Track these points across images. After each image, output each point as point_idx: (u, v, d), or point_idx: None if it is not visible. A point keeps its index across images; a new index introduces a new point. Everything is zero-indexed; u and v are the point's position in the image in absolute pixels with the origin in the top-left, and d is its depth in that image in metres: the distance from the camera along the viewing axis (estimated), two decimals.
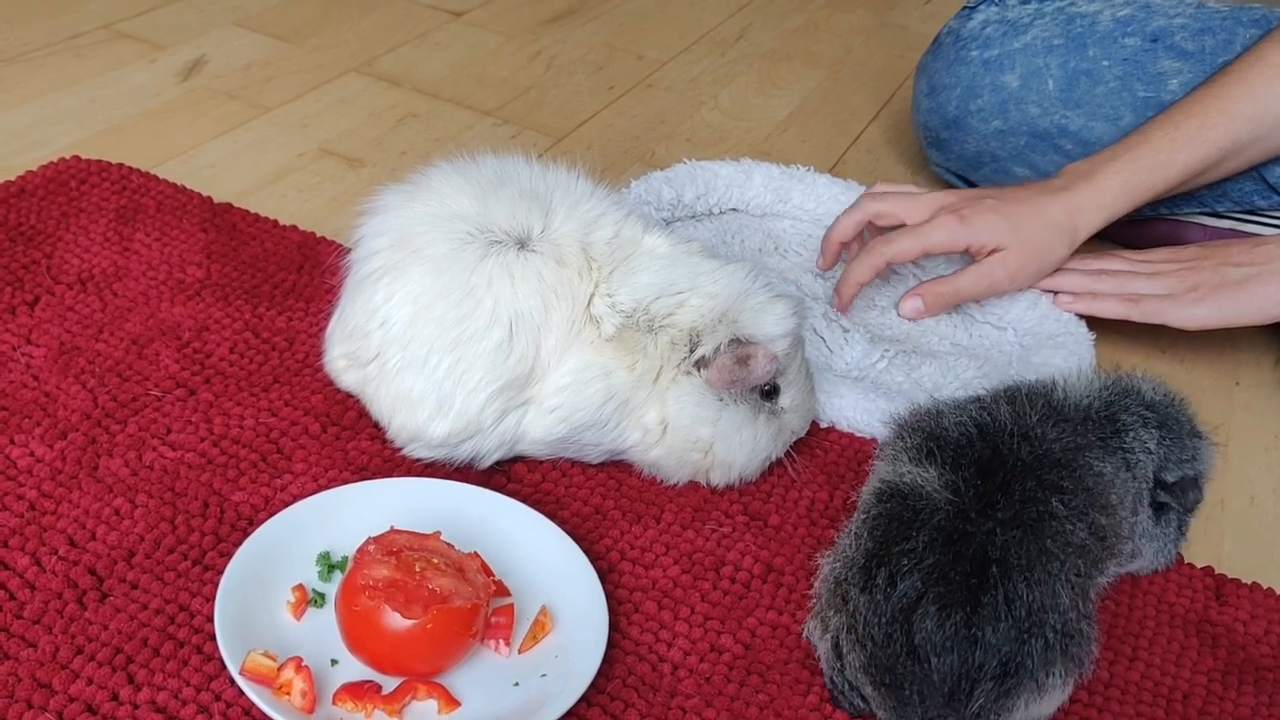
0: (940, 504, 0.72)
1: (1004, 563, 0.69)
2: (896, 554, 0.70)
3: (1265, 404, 1.13)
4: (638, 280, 0.87)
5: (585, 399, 0.86)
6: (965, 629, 0.68)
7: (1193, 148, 1.10)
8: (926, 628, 0.68)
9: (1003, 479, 0.72)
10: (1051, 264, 1.12)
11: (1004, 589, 0.68)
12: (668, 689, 0.77)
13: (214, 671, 0.73)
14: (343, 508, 0.82)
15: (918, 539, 0.70)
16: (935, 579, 0.69)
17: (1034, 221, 1.09)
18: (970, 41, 1.32)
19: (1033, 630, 0.68)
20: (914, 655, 0.68)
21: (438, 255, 0.85)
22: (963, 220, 1.08)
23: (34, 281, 1.02)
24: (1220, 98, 1.10)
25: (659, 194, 1.21)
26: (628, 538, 0.87)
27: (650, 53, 1.68)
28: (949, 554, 0.69)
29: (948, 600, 0.68)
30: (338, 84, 1.47)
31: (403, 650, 0.72)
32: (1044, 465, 0.74)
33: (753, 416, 0.89)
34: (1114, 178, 1.11)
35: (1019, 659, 0.68)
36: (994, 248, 1.09)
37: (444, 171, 0.91)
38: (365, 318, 0.87)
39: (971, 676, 0.68)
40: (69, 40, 1.46)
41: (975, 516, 0.71)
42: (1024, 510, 0.71)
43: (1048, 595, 0.69)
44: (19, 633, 0.73)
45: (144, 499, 0.83)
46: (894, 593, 0.69)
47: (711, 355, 0.86)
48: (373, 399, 0.89)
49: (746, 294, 0.87)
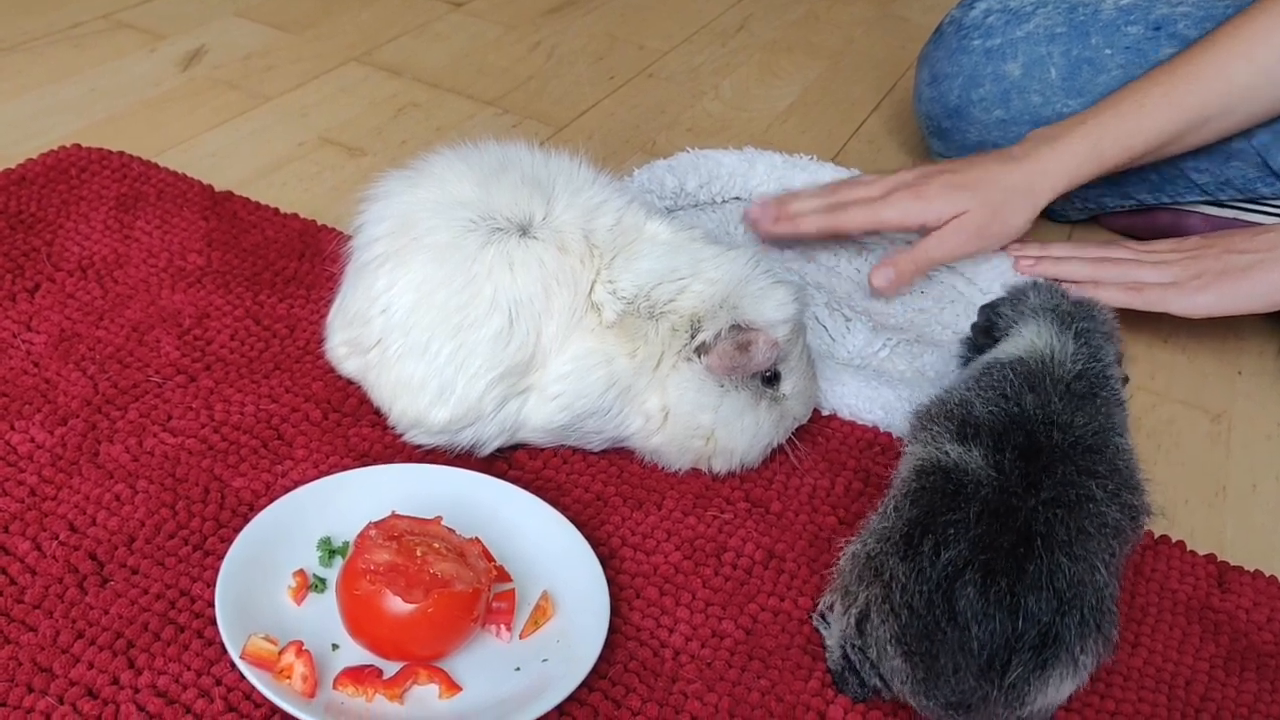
0: (985, 480, 0.72)
1: (1048, 537, 0.70)
2: (942, 524, 0.70)
3: (1267, 392, 1.13)
4: (639, 267, 0.87)
5: (587, 386, 0.86)
6: (1009, 596, 0.68)
7: (1158, 117, 1.11)
8: (969, 594, 0.68)
9: (1044, 461, 0.74)
10: (1014, 227, 1.13)
11: (1047, 561, 0.69)
12: (669, 674, 0.77)
13: (215, 656, 0.73)
14: (343, 493, 0.82)
15: (966, 510, 0.70)
16: (982, 548, 0.69)
17: (992, 186, 1.11)
18: (972, 30, 1.31)
19: (1072, 603, 0.68)
20: (954, 621, 0.68)
21: (440, 243, 0.85)
22: (918, 196, 1.10)
23: (34, 269, 1.02)
24: (1191, 68, 1.11)
25: (662, 182, 1.21)
26: (629, 524, 0.87)
27: (651, 43, 1.68)
28: (995, 526, 0.70)
29: (993, 568, 0.68)
30: (338, 74, 1.47)
31: (404, 635, 0.71)
32: (1078, 451, 0.75)
33: (754, 403, 0.88)
34: (1078, 143, 1.11)
35: (1057, 630, 0.68)
36: (952, 216, 1.10)
37: (446, 157, 0.90)
38: (367, 304, 0.87)
39: (1010, 645, 0.68)
40: (69, 30, 1.46)
41: (1021, 493, 0.72)
42: (1064, 492, 0.72)
43: (1086, 571, 0.70)
44: (20, 617, 0.73)
45: (145, 485, 0.83)
46: (939, 560, 0.69)
47: (712, 341, 0.86)
48: (374, 385, 0.89)
49: (747, 280, 0.87)
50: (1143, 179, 1.25)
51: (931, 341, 1.10)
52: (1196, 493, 1.00)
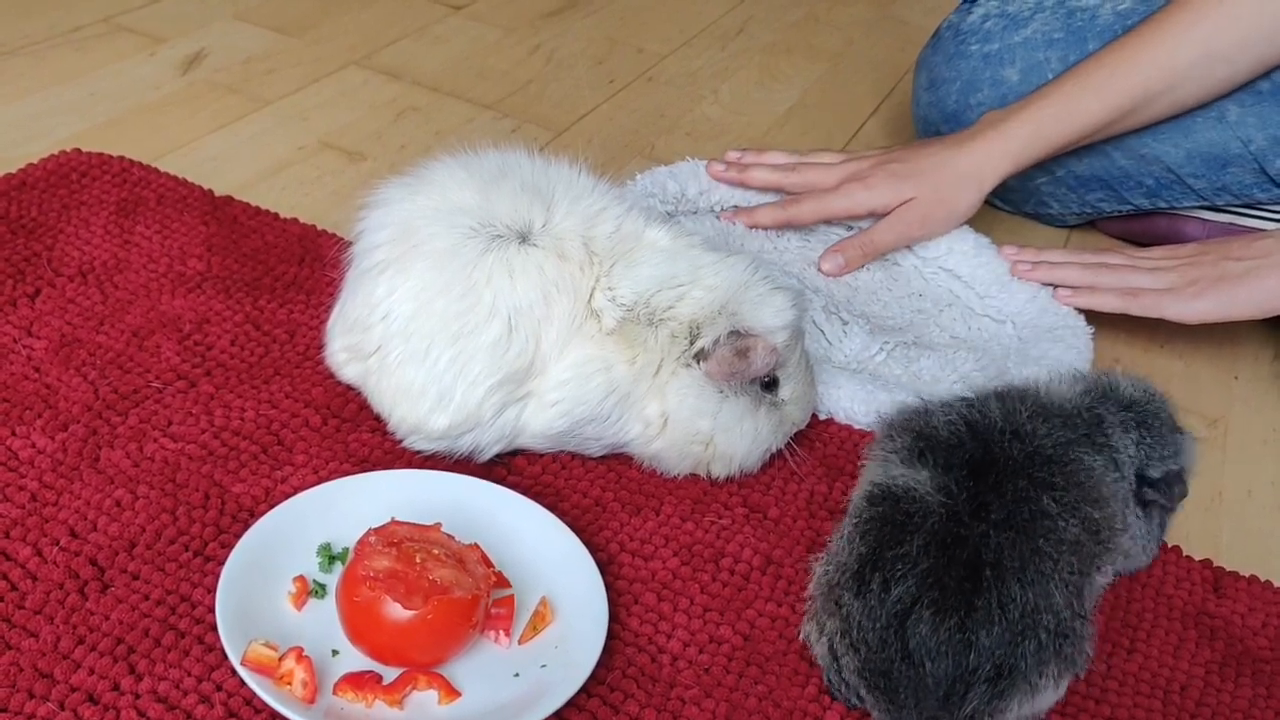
0: (933, 507, 0.71)
1: (998, 565, 0.69)
2: (890, 559, 0.70)
3: (1263, 398, 1.14)
4: (638, 274, 0.87)
5: (587, 393, 0.87)
6: (959, 633, 0.68)
7: (1102, 97, 1.13)
8: (921, 633, 0.68)
9: (994, 479, 0.72)
10: (961, 212, 1.17)
11: (998, 592, 0.68)
12: (667, 680, 0.77)
13: (215, 662, 0.73)
14: (343, 499, 0.83)
15: (911, 544, 0.70)
16: (929, 584, 0.69)
17: (938, 173, 1.15)
18: (970, 35, 1.32)
19: (1026, 633, 0.68)
20: (909, 660, 0.68)
21: (440, 249, 0.85)
22: (866, 186, 1.15)
23: (35, 274, 1.02)
24: (1133, 48, 1.13)
25: (663, 187, 1.22)
26: (627, 529, 0.87)
27: (650, 46, 1.68)
28: (943, 558, 0.69)
29: (942, 605, 0.68)
30: (338, 77, 1.47)
31: (403, 640, 0.72)
32: (1035, 463, 0.73)
33: (753, 408, 0.89)
34: (1023, 126, 1.14)
35: (1012, 661, 0.68)
36: (900, 203, 1.14)
37: (446, 165, 0.91)
38: (367, 311, 0.88)
39: (965, 680, 0.68)
40: (69, 33, 1.46)
41: (968, 519, 0.70)
42: (1016, 510, 0.71)
43: (1041, 596, 0.69)
44: (20, 623, 0.74)
45: (145, 490, 0.84)
46: (888, 598, 0.69)
47: (710, 347, 0.86)
48: (374, 391, 0.90)
49: (746, 286, 0.88)
50: (1139, 184, 1.26)
51: (928, 345, 1.10)
52: (1192, 498, 0.99)
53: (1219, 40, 1.11)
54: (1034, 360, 1.06)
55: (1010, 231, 1.33)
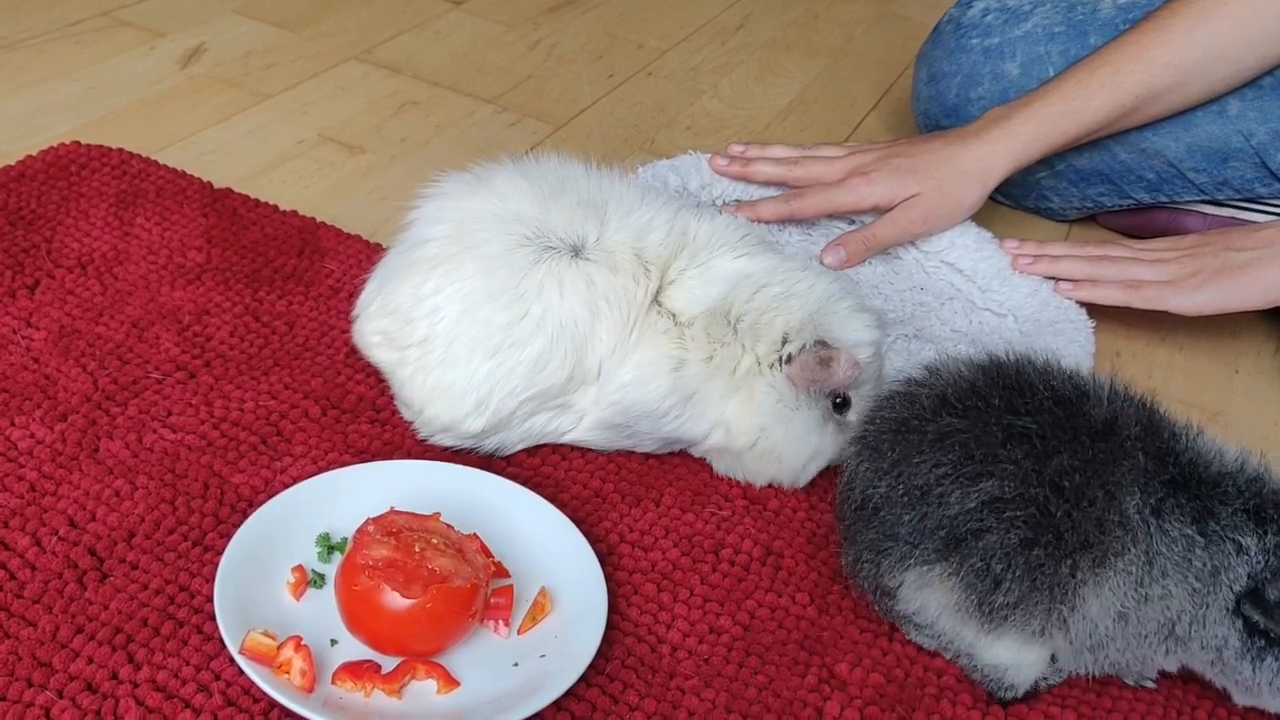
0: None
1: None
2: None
3: (1265, 391, 1.14)
4: (711, 272, 0.89)
5: (646, 393, 0.87)
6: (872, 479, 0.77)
7: (1106, 94, 1.13)
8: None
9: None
10: (965, 208, 1.16)
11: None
12: (666, 670, 0.77)
13: (214, 651, 0.73)
14: (342, 489, 0.82)
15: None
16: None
17: (943, 168, 1.14)
18: (971, 29, 1.32)
19: (914, 505, 0.74)
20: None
21: (492, 254, 0.86)
22: (869, 181, 1.13)
23: (34, 265, 1.02)
24: (1138, 45, 1.12)
25: (665, 180, 1.22)
26: (627, 520, 0.87)
27: (650, 41, 1.68)
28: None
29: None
30: (337, 71, 1.47)
31: (402, 630, 0.72)
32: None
33: (821, 424, 0.89)
34: (1026, 124, 1.13)
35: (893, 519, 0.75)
36: (904, 198, 1.13)
37: (508, 171, 0.91)
38: (412, 302, 0.88)
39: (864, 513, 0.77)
40: (69, 27, 1.46)
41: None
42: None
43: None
44: (19, 612, 0.73)
45: (144, 480, 0.83)
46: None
47: (796, 353, 0.87)
48: (407, 382, 0.89)
49: (834, 299, 0.89)
50: (1140, 179, 1.26)
51: (930, 338, 1.10)
52: None
53: (1223, 39, 1.11)
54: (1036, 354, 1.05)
55: (1011, 226, 1.33)
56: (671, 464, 0.93)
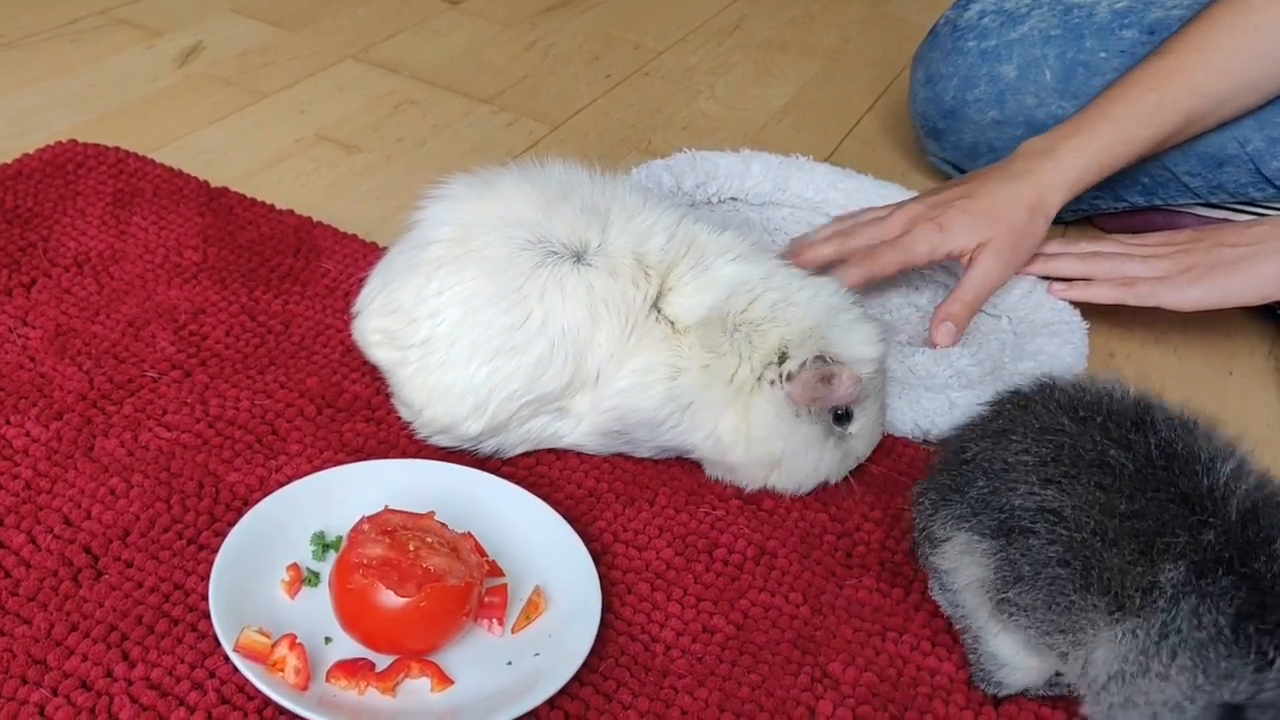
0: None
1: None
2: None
3: (1259, 392, 1.14)
4: (709, 277, 0.88)
5: (643, 400, 0.87)
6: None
7: (1153, 123, 1.12)
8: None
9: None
10: (1033, 245, 1.12)
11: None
12: (660, 669, 0.77)
13: (208, 649, 0.73)
14: (337, 488, 0.83)
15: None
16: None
17: (1007, 207, 1.10)
18: (967, 31, 1.32)
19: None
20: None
21: (494, 258, 0.86)
22: (940, 228, 1.08)
23: (30, 264, 1.02)
24: (1179, 70, 1.11)
25: (660, 181, 1.22)
26: (621, 520, 0.87)
27: (647, 42, 1.68)
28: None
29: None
30: (335, 71, 1.47)
31: (396, 628, 0.72)
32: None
33: (822, 439, 0.89)
34: (1076, 156, 1.11)
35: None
36: (978, 244, 1.09)
37: (513, 175, 0.91)
38: (415, 303, 0.88)
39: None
40: (66, 26, 1.46)
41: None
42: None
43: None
44: (14, 609, 0.74)
45: (139, 479, 0.84)
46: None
47: (797, 371, 0.86)
48: (406, 383, 0.89)
49: (837, 311, 0.88)
50: (1135, 182, 1.26)
51: (924, 342, 1.11)
52: None
53: (1253, 70, 1.11)
54: (1029, 355, 1.06)
55: None
56: (666, 464, 0.93)
